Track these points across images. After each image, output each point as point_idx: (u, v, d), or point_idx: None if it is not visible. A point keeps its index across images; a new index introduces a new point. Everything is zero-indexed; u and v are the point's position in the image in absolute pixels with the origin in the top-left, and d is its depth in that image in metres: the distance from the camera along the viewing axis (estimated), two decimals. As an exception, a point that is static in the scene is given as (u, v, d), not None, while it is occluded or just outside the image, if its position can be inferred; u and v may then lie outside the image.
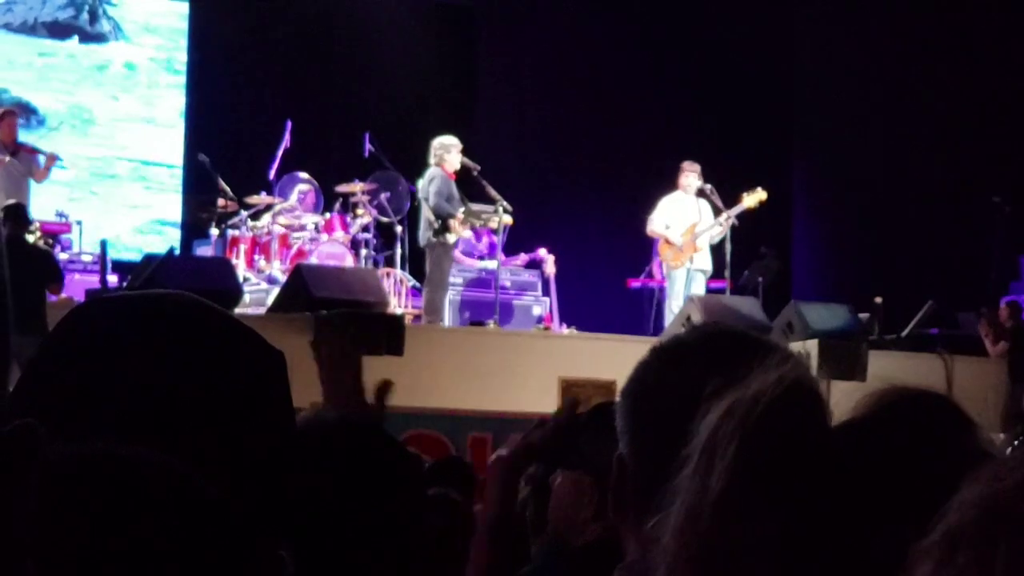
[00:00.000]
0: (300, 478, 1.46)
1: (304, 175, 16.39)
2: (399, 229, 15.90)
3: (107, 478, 1.30)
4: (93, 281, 14.81)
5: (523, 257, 16.50)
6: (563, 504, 3.52)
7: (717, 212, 15.84)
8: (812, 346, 13.03)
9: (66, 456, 1.30)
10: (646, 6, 19.16)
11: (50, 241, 14.81)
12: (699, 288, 15.70)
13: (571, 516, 3.46)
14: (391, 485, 2.42)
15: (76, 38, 19.51)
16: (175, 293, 1.45)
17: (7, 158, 14.92)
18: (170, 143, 19.66)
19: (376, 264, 15.84)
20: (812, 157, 19.37)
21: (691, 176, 15.95)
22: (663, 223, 15.94)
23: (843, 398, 1.35)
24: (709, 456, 1.22)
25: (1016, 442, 11.12)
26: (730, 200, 15.84)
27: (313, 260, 15.04)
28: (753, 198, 15.81)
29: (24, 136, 16.09)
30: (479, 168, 15.43)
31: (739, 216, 15.77)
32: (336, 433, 2.48)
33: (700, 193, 15.89)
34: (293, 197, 16.14)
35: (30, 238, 13.33)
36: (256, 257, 15.58)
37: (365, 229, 15.96)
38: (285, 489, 1.44)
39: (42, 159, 15.48)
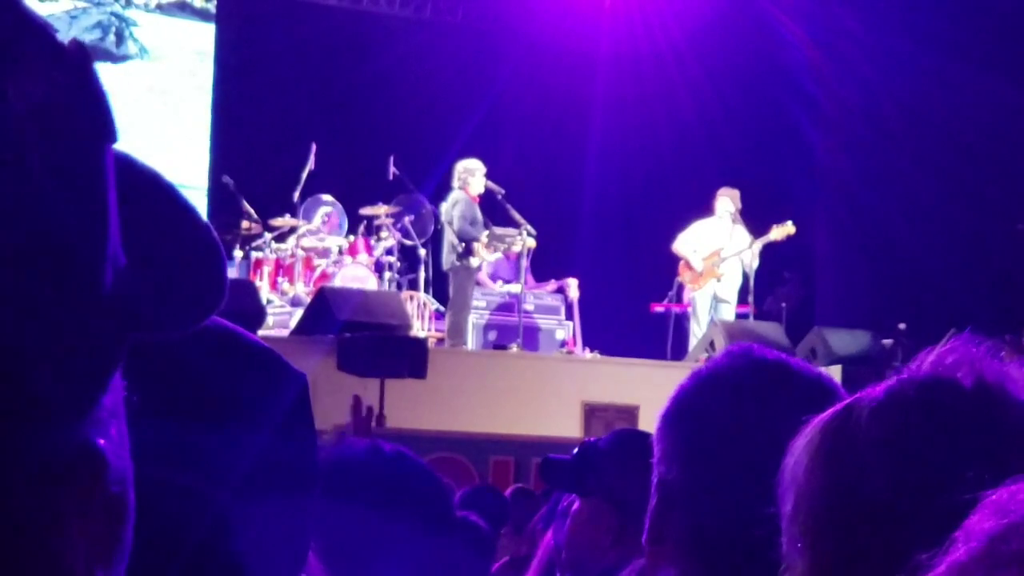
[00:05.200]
0: (326, 500, 1.46)
1: (328, 197, 16.41)
2: (423, 252, 15.91)
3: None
4: (117, 302, 14.81)
5: (553, 283, 16.45)
6: (581, 531, 3.50)
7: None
8: (835, 372, 13.00)
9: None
10: (672, 29, 19.16)
11: None
12: (726, 317, 15.66)
13: (589, 543, 3.44)
14: (416, 506, 2.43)
15: (103, 60, 19.59)
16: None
17: None
18: (195, 165, 19.72)
19: (399, 287, 15.84)
20: (835, 181, 19.33)
21: (725, 200, 15.92)
22: (691, 246, 15.92)
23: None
24: None
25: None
26: (758, 226, 15.81)
27: (337, 283, 15.06)
28: (781, 231, 15.76)
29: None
30: (503, 192, 15.44)
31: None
32: (366, 457, 2.49)
33: (736, 219, 15.86)
34: (317, 219, 16.16)
35: None
36: (280, 279, 15.60)
37: (389, 252, 15.96)
38: (309, 509, 1.44)
39: None
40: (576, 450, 3.53)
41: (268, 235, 15.87)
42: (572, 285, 16.37)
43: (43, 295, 0.81)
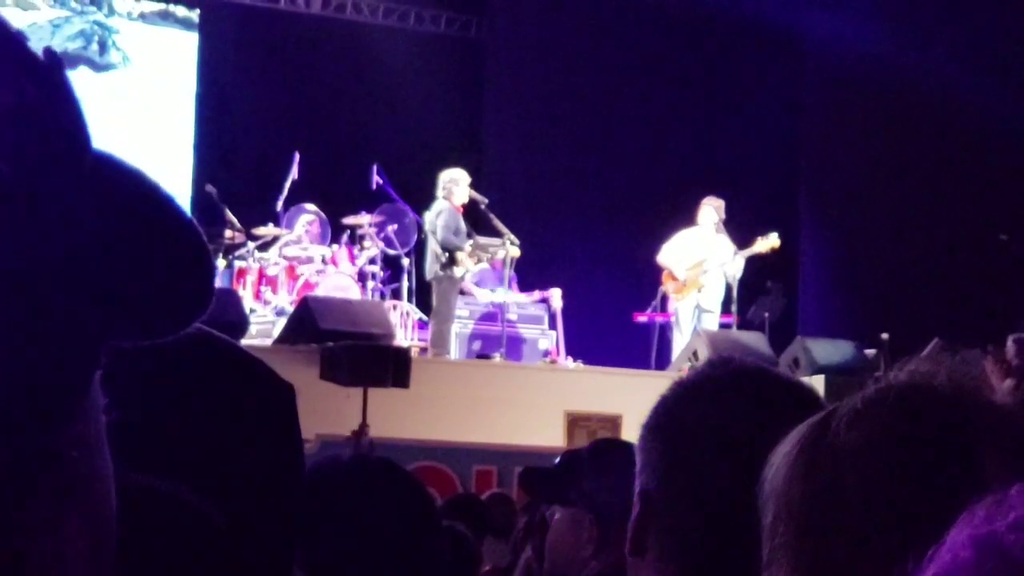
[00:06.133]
0: (315, 510, 1.46)
1: (311, 207, 16.39)
2: (406, 262, 15.90)
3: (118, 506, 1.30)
4: (100, 312, 14.76)
5: (538, 294, 16.43)
6: (562, 541, 3.50)
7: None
8: (818, 382, 13.01)
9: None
10: (656, 42, 19.17)
11: None
12: (710, 327, 15.67)
13: (570, 553, 3.44)
14: (408, 520, 2.43)
15: (85, 69, 19.55)
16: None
17: None
18: (177, 174, 19.68)
19: (383, 296, 15.83)
20: (819, 192, 19.36)
21: (708, 210, 15.92)
22: (675, 256, 15.92)
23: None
24: None
25: None
26: (743, 235, 15.82)
27: (320, 292, 15.04)
28: (765, 244, 15.76)
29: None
30: (487, 201, 15.45)
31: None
32: (354, 469, 2.49)
33: (719, 229, 15.87)
34: (300, 228, 16.14)
35: None
36: (263, 288, 15.57)
37: (372, 261, 15.95)
38: (294, 518, 1.45)
39: None
40: (557, 460, 3.53)
41: (251, 244, 15.84)
42: (556, 295, 16.36)
43: (12, 304, 0.81)
